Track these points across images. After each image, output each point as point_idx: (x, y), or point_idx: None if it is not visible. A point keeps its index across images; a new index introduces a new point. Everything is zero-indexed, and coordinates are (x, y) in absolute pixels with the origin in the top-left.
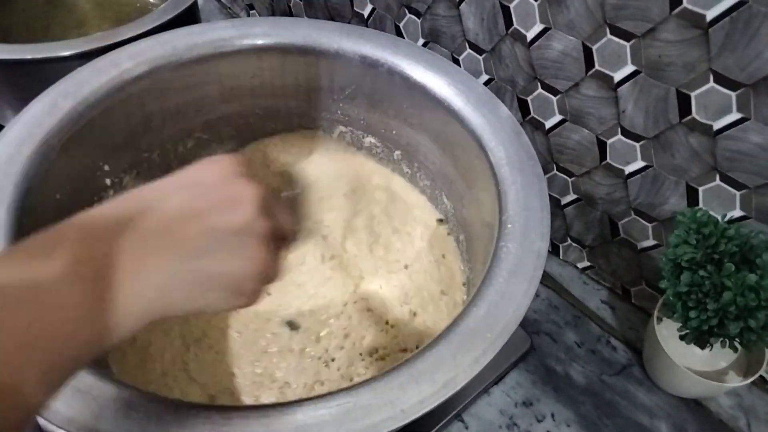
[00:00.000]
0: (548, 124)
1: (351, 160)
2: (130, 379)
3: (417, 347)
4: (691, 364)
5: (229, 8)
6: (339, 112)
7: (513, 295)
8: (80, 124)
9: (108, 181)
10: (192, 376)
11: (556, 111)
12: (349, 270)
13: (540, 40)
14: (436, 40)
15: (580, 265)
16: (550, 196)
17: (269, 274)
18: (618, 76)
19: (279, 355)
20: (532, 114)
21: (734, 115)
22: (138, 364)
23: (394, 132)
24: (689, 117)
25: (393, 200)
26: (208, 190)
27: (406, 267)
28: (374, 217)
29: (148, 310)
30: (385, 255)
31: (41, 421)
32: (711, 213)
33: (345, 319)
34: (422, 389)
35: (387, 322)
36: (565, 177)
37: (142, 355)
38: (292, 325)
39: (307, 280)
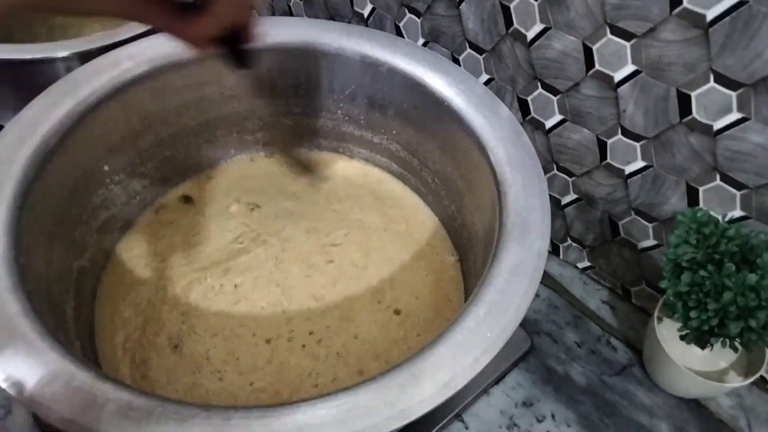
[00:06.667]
0: (548, 124)
1: (349, 161)
2: None
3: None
4: (692, 364)
5: None
6: (339, 111)
7: (513, 294)
8: (80, 123)
9: (107, 181)
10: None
11: (557, 111)
12: (343, 270)
13: (540, 39)
14: (436, 40)
15: (580, 265)
16: (550, 195)
17: None
18: (618, 76)
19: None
20: (533, 114)
21: (734, 115)
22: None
23: (394, 132)
24: (689, 117)
25: (391, 200)
26: None
27: (402, 269)
28: (371, 219)
29: None
30: (382, 257)
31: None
32: (711, 213)
33: (333, 320)
34: (422, 389)
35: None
36: (566, 177)
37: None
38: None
39: (299, 281)
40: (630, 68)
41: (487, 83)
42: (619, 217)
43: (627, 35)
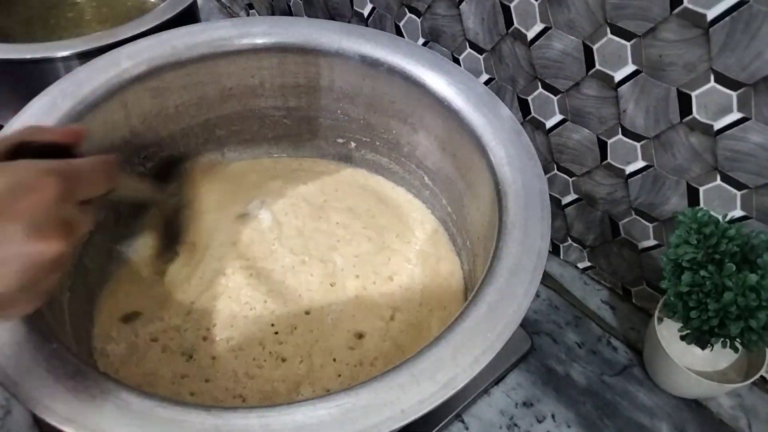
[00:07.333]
0: (549, 124)
1: (347, 161)
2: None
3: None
4: (692, 364)
5: (229, 7)
6: (339, 111)
7: (513, 295)
8: (79, 123)
9: None
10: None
11: (557, 111)
12: (339, 272)
13: (540, 39)
14: (437, 40)
15: (580, 265)
16: (550, 196)
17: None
18: (618, 76)
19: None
20: (533, 114)
21: (735, 115)
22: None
23: (394, 132)
24: (690, 117)
25: (390, 201)
26: None
27: (401, 270)
28: (370, 222)
29: None
30: (380, 261)
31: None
32: (712, 213)
33: (330, 322)
34: (422, 389)
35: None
36: (566, 177)
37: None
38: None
39: (293, 288)
40: (630, 68)
41: (487, 83)
42: (619, 217)
43: (627, 35)
